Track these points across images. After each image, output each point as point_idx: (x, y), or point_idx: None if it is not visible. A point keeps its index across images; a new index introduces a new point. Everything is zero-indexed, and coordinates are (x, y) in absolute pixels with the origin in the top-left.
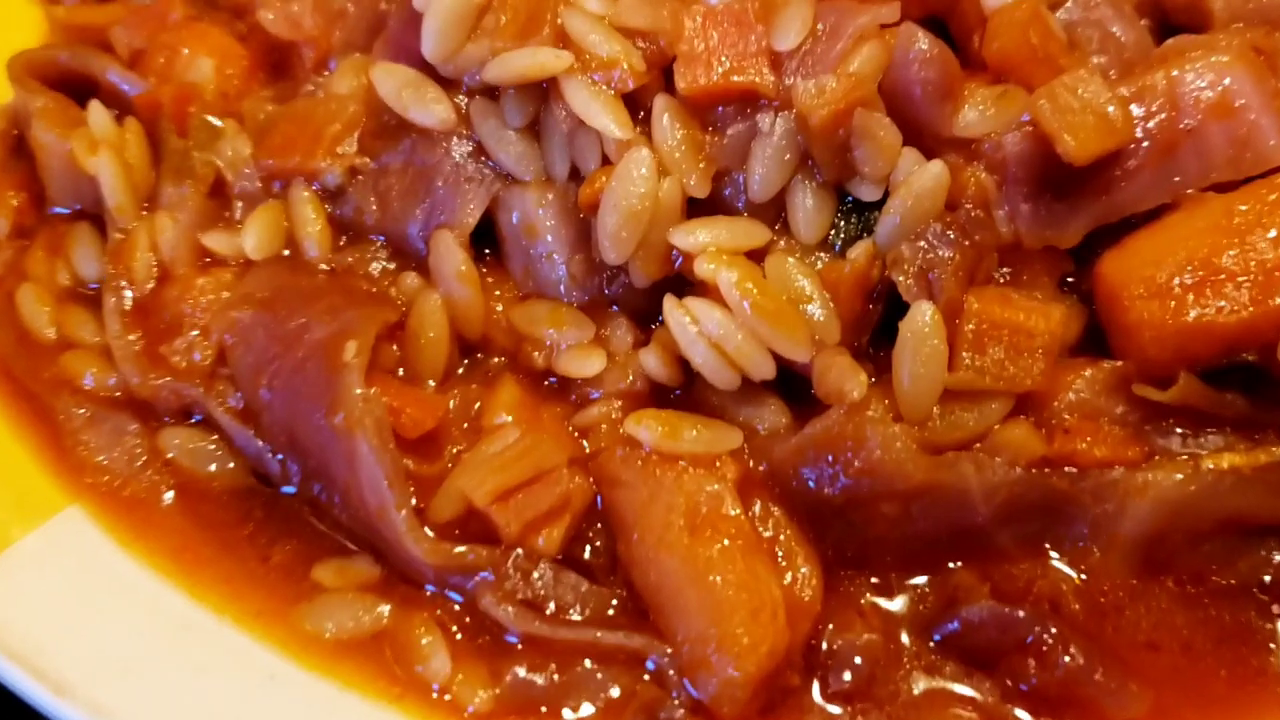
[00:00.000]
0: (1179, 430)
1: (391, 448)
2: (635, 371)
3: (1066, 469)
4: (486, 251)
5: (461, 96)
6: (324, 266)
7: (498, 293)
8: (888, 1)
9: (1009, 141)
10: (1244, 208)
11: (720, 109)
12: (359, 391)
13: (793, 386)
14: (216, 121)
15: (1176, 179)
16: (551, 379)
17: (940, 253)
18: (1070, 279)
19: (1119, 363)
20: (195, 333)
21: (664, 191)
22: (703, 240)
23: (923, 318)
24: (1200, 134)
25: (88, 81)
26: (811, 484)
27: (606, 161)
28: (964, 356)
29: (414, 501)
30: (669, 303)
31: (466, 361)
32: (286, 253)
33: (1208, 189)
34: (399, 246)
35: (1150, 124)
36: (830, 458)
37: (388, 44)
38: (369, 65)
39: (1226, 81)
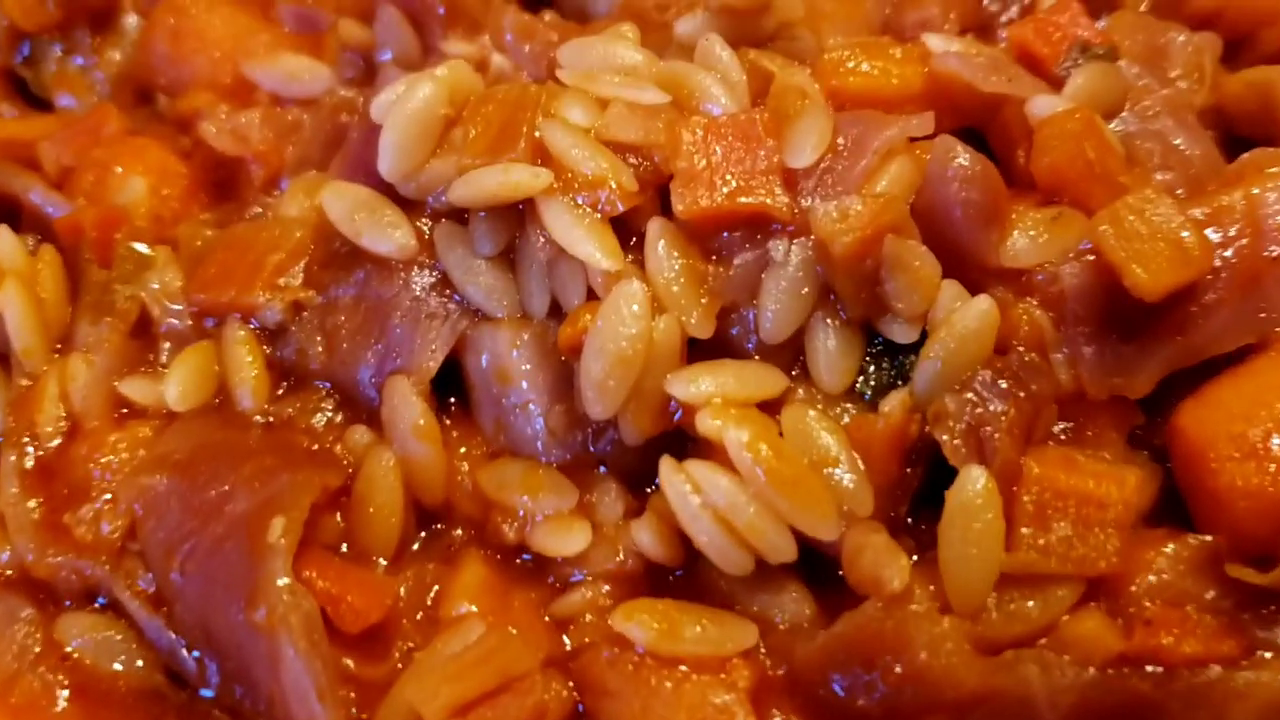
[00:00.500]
0: None
1: (324, 650)
2: (626, 548)
3: (1149, 668)
4: (451, 401)
5: (425, 221)
6: (259, 419)
7: (463, 450)
8: (917, 110)
9: (1067, 273)
10: None
11: (725, 235)
12: (283, 582)
13: (817, 568)
14: (145, 250)
15: (1263, 314)
16: (525, 556)
17: (992, 406)
18: (1139, 432)
19: (1207, 537)
20: (105, 500)
21: (660, 332)
22: (706, 390)
23: (974, 486)
24: None
25: (11, 202)
26: (843, 693)
27: (592, 296)
28: (1024, 533)
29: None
30: (667, 466)
31: (424, 534)
32: (218, 401)
33: None
34: (348, 395)
35: (1229, 251)
36: (866, 662)
37: (346, 161)
38: (322, 184)
39: None
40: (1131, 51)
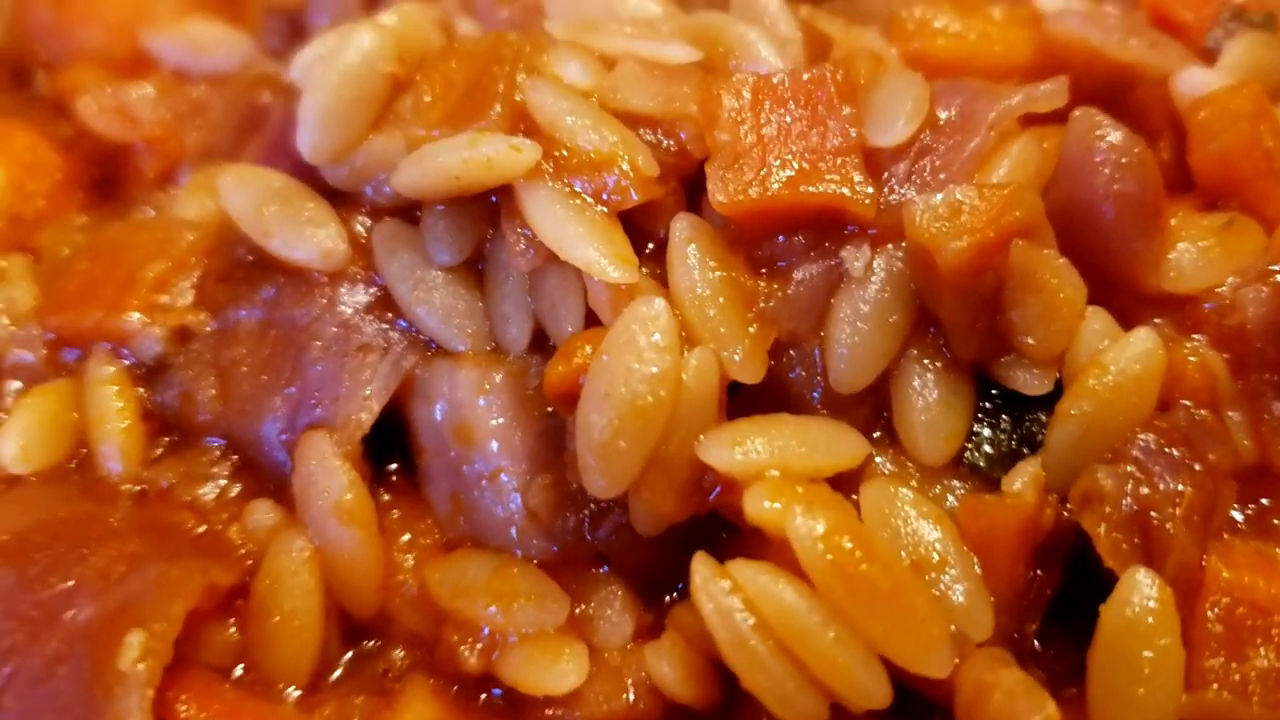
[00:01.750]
0: None
1: None
2: (638, 682)
3: None
4: (392, 469)
5: (361, 218)
6: (129, 488)
7: (406, 538)
8: (1042, 76)
9: (1250, 300)
10: None
11: (782, 239)
12: None
13: (912, 711)
14: None
15: None
16: (494, 691)
17: (1162, 485)
18: None
19: None
20: None
21: (690, 373)
22: (758, 458)
23: (1142, 598)
24: None
25: None
26: None
27: (593, 321)
28: (1210, 664)
29: None
30: (701, 567)
31: (350, 655)
32: (74, 464)
33: None
34: (248, 457)
35: None
36: None
37: (264, 147)
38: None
39: None
40: None
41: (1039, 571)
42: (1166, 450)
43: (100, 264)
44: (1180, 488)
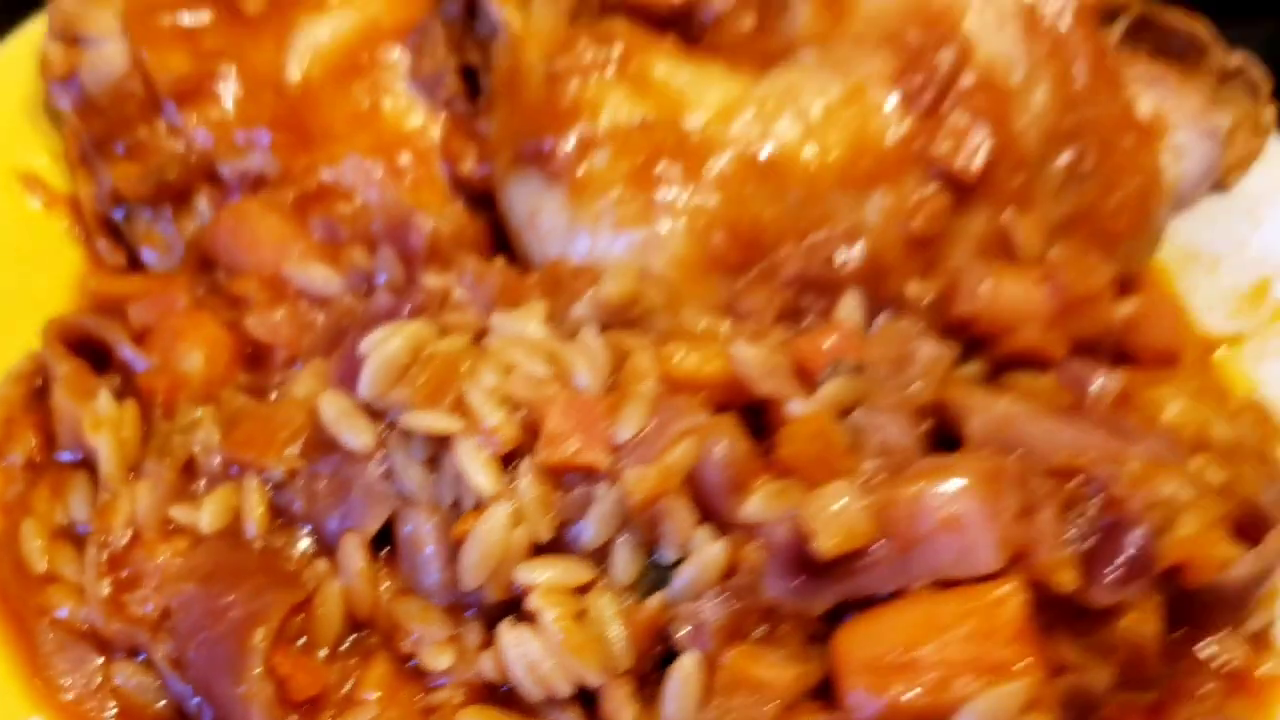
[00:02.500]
0: None
1: (275, 714)
2: (477, 669)
3: None
4: (386, 548)
5: (384, 428)
6: (259, 544)
7: (386, 585)
8: (724, 393)
9: (777, 531)
10: (950, 608)
11: (570, 476)
12: (258, 672)
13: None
14: (196, 412)
15: (908, 574)
16: (413, 663)
17: (712, 612)
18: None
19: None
20: (151, 591)
21: (515, 536)
22: (540, 578)
23: (689, 663)
24: (931, 541)
25: (103, 347)
26: None
27: (480, 504)
28: (715, 701)
29: None
30: (504, 624)
31: (353, 638)
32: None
33: (934, 584)
34: (319, 536)
35: (892, 528)
36: None
37: (340, 365)
38: (325, 372)
39: (959, 503)
40: (884, 358)
41: (657, 647)
42: (720, 595)
43: (255, 425)
44: (720, 614)
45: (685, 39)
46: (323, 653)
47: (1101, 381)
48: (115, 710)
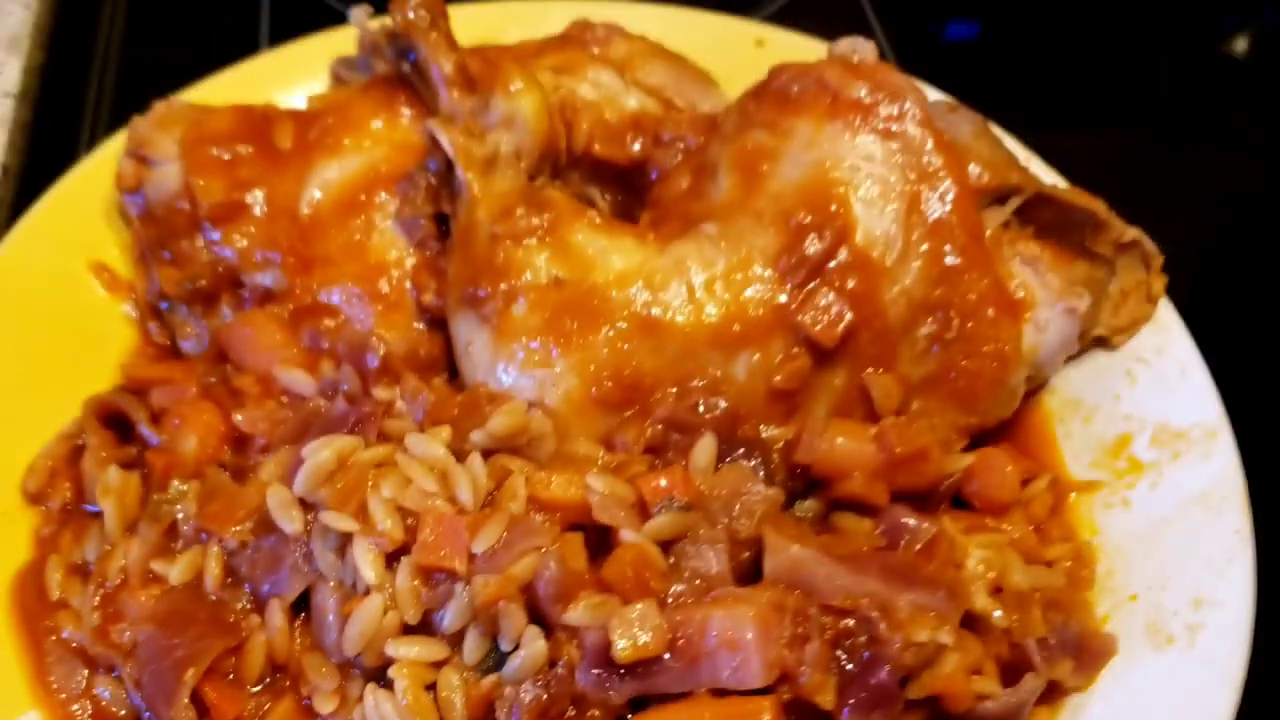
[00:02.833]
0: None
1: None
2: (352, 717)
3: None
4: (303, 613)
5: (311, 518)
6: (212, 597)
7: (299, 641)
8: (577, 515)
9: (589, 636)
10: (721, 712)
11: (437, 575)
12: (185, 702)
13: None
14: (183, 486)
15: (694, 680)
16: (307, 701)
17: (529, 695)
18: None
19: None
20: (127, 625)
21: (387, 619)
22: (404, 653)
23: None
24: (713, 656)
25: (129, 420)
26: None
27: (367, 590)
28: None
29: None
30: (369, 686)
31: (270, 678)
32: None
33: (714, 691)
34: (255, 596)
35: (682, 643)
36: None
37: (293, 457)
38: (285, 461)
39: (739, 628)
40: (719, 497)
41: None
42: (538, 682)
43: (223, 503)
44: (536, 696)
45: (634, 189)
46: (250, 688)
47: (911, 532)
48: (91, 712)
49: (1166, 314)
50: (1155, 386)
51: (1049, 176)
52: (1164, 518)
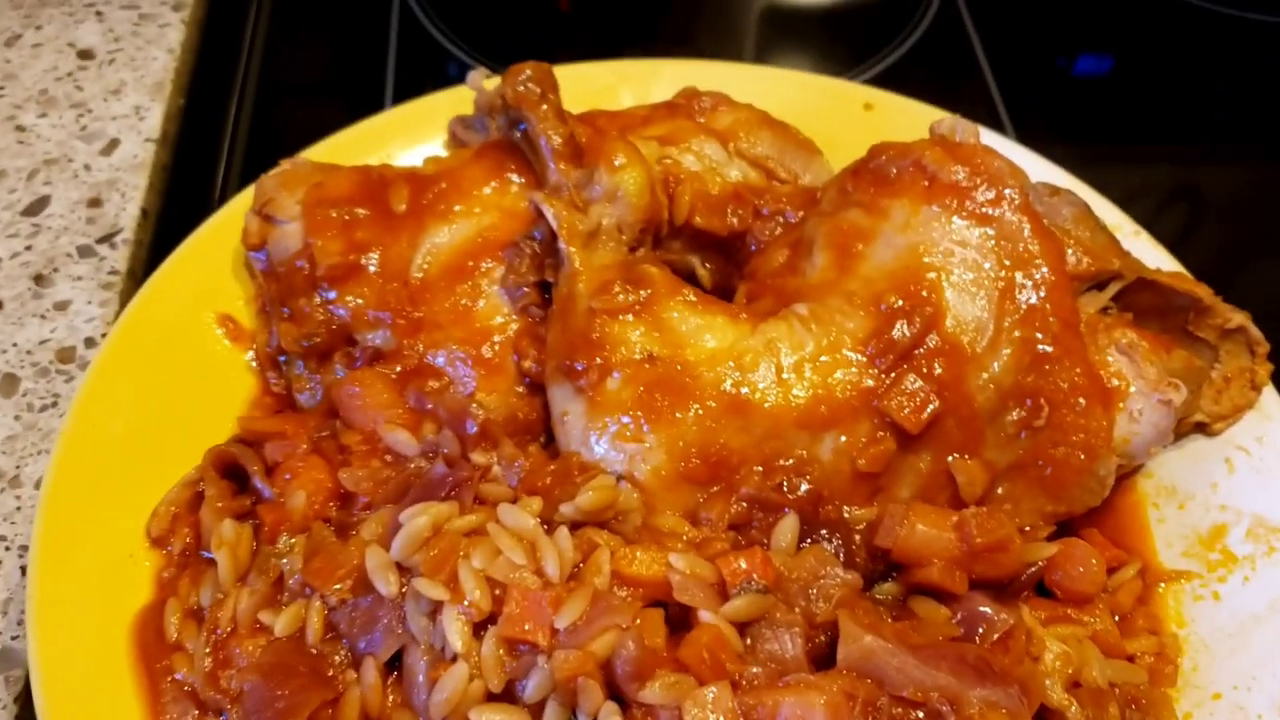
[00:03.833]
0: None
1: None
2: None
3: None
4: (395, 672)
5: (406, 581)
6: (313, 650)
7: (392, 699)
8: (660, 592)
9: (664, 715)
10: None
11: (521, 646)
12: None
13: None
14: (291, 541)
15: None
16: None
17: None
18: None
19: None
20: (235, 672)
21: (472, 686)
22: (486, 718)
23: None
24: None
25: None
26: None
27: (454, 657)
28: None
29: None
30: None
31: None
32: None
33: None
34: (352, 651)
35: None
36: None
37: (392, 520)
38: (386, 521)
39: (811, 714)
40: (798, 579)
41: None
42: None
43: (327, 560)
44: None
45: (735, 259)
46: None
47: (987, 622)
48: None
49: (1271, 402)
50: (1254, 477)
51: (1154, 257)
52: (1254, 615)
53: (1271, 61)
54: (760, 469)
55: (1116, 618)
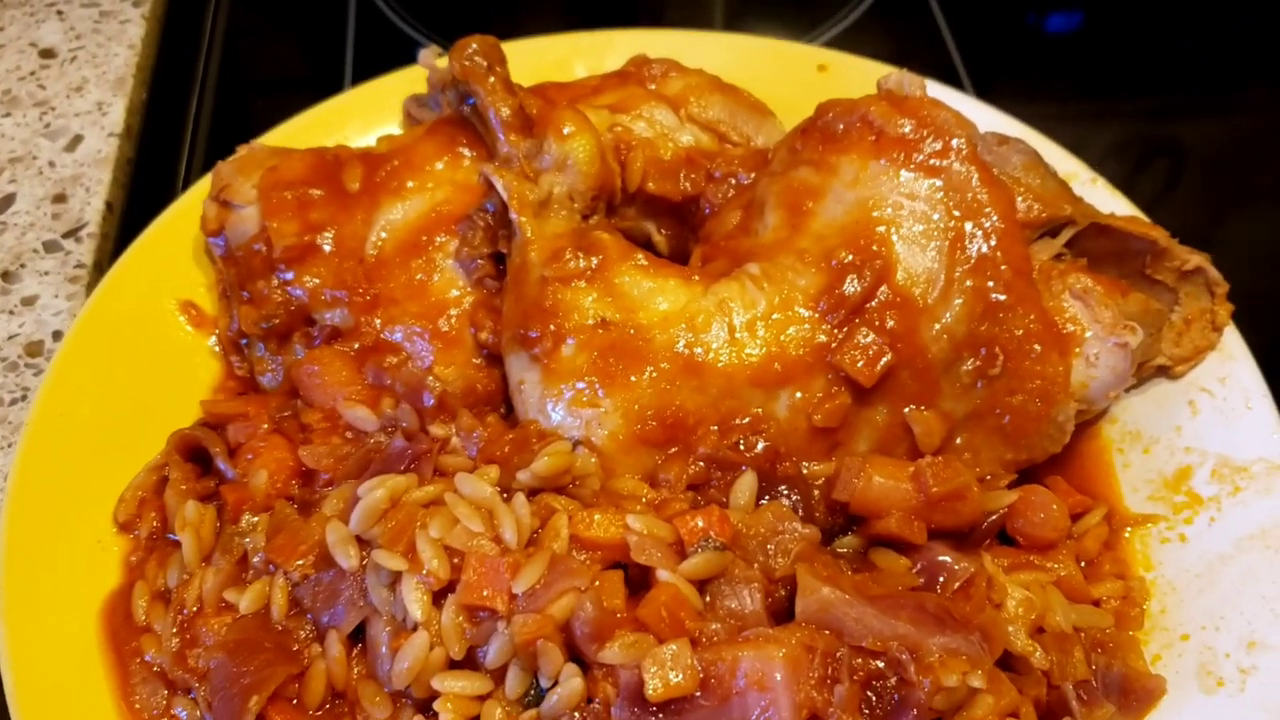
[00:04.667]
0: None
1: None
2: None
3: None
4: (359, 644)
5: (366, 554)
6: (278, 626)
7: (357, 670)
8: (621, 554)
9: (624, 674)
10: None
11: (480, 613)
12: None
13: None
14: (254, 519)
15: (724, 718)
16: None
17: None
18: None
19: None
20: (202, 650)
21: (434, 654)
22: (449, 687)
23: None
24: (743, 696)
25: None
26: None
27: (416, 626)
28: None
29: None
30: (417, 718)
31: (329, 704)
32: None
33: None
34: (316, 626)
35: (713, 682)
36: None
37: (352, 494)
38: (347, 496)
39: (769, 667)
40: (756, 535)
41: None
42: (575, 717)
43: (289, 537)
44: None
45: (689, 223)
46: (311, 712)
47: (947, 571)
48: None
49: (1232, 342)
50: (1218, 418)
51: (1111, 203)
52: (1221, 555)
53: (1245, 10)
54: (716, 429)
55: (1083, 564)
